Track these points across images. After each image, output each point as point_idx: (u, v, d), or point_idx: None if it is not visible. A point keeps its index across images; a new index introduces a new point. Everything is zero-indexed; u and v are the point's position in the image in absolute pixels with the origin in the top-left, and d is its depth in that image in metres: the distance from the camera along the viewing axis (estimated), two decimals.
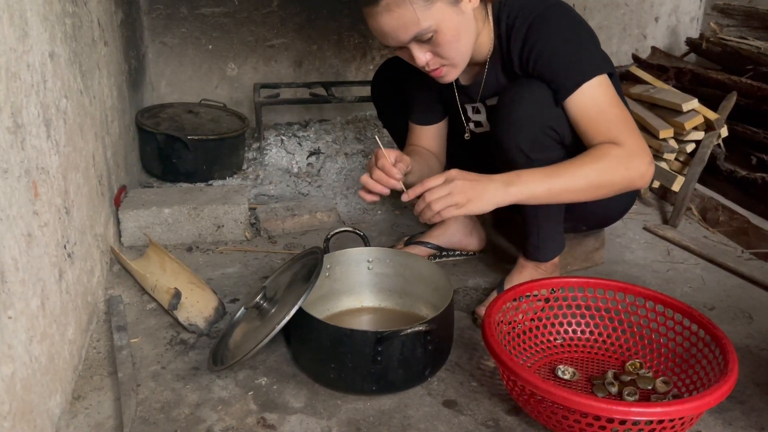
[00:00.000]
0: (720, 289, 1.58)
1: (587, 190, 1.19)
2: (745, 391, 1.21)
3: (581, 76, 1.21)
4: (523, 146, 1.26)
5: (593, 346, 1.29)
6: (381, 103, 1.66)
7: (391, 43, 1.19)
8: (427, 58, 1.21)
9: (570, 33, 1.23)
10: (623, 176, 1.19)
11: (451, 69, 1.25)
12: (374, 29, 1.19)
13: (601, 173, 1.18)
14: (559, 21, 1.23)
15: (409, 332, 1.10)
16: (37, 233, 1.02)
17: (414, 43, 1.18)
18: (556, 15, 1.24)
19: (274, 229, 1.79)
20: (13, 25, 0.97)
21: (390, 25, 1.15)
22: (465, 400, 1.17)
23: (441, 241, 1.66)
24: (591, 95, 1.21)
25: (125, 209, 1.66)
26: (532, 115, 1.24)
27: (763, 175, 1.97)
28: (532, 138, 1.25)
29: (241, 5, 2.44)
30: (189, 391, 1.17)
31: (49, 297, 1.06)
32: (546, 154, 1.26)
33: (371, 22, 1.18)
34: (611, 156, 1.18)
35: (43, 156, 1.07)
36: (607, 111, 1.21)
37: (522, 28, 1.24)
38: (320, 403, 1.15)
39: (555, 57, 1.22)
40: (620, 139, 1.19)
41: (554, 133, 1.25)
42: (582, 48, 1.23)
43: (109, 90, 1.64)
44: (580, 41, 1.24)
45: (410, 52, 1.20)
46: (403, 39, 1.17)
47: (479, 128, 1.48)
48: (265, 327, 1.17)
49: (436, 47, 1.19)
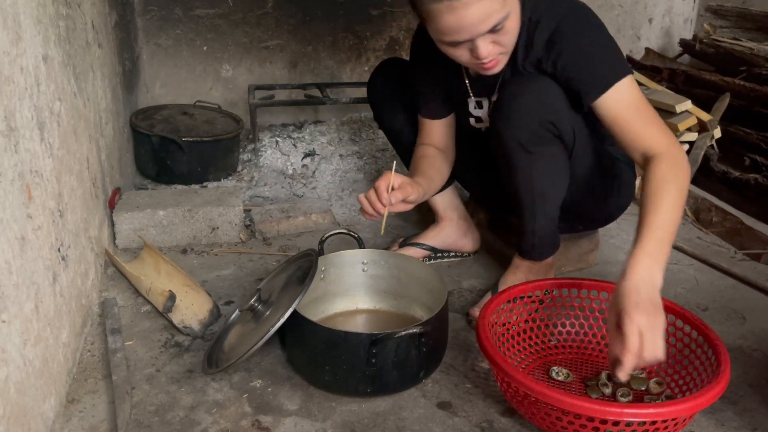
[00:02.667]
0: (713, 289, 1.59)
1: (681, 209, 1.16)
2: (738, 391, 1.22)
3: (614, 75, 1.22)
4: (522, 139, 1.26)
5: (587, 348, 1.30)
6: (377, 104, 1.66)
7: (464, 37, 1.15)
8: (490, 50, 1.18)
9: (598, 35, 1.25)
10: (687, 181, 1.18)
11: (503, 58, 1.23)
12: (450, 24, 1.13)
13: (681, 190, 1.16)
14: (587, 23, 1.25)
15: (403, 334, 1.11)
16: (31, 236, 1.02)
17: (486, 35, 1.15)
18: (582, 17, 1.25)
19: (268, 230, 1.79)
20: (6, 29, 0.97)
21: (475, 16, 1.11)
22: (459, 402, 1.17)
23: (435, 242, 1.66)
24: (625, 93, 1.22)
25: (120, 211, 1.65)
26: (532, 108, 1.24)
27: (756, 176, 1.98)
28: (531, 131, 1.25)
29: (236, 6, 2.43)
30: (183, 393, 1.17)
31: (43, 300, 1.05)
32: (544, 147, 1.27)
33: (447, 17, 1.12)
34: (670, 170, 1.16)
35: (36, 159, 1.07)
36: (639, 109, 1.23)
37: (548, 27, 1.24)
38: (315, 406, 1.15)
39: (586, 57, 1.23)
40: (654, 136, 1.19)
41: (553, 127, 1.26)
42: (610, 48, 1.25)
43: (103, 92, 1.64)
44: (607, 42, 1.25)
45: (474, 45, 1.17)
46: (481, 30, 1.14)
47: (479, 123, 1.48)
48: (260, 329, 1.17)
49: (502, 36, 1.17)
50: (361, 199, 1.29)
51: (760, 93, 2.15)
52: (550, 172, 1.32)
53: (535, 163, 1.29)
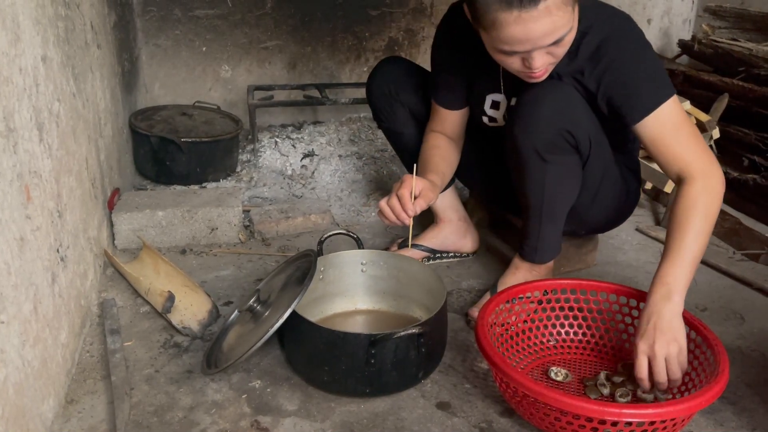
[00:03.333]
0: (712, 290, 1.59)
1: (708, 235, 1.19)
2: (737, 391, 1.22)
3: (659, 97, 1.21)
4: (538, 147, 1.25)
5: (586, 348, 1.30)
6: (376, 104, 1.65)
7: (526, 48, 1.11)
8: (544, 60, 1.15)
9: (645, 52, 1.23)
10: (718, 205, 1.19)
11: (551, 67, 1.21)
12: (515, 35, 1.09)
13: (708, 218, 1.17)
14: (635, 39, 1.23)
15: (402, 335, 1.11)
16: (30, 237, 1.02)
17: (544, 47, 1.13)
18: (631, 33, 1.23)
19: (267, 231, 1.79)
20: (6, 29, 0.97)
21: (543, 29, 1.08)
22: (458, 402, 1.17)
23: (435, 243, 1.66)
24: (668, 115, 1.21)
25: (119, 212, 1.65)
26: (551, 116, 1.23)
27: (754, 177, 1.99)
28: (549, 140, 1.25)
29: (235, 7, 2.43)
30: (183, 394, 1.17)
31: (41, 301, 1.05)
32: (560, 156, 1.27)
33: (514, 27, 1.08)
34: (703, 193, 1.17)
35: (35, 160, 1.07)
36: (681, 130, 1.22)
37: (595, 39, 1.22)
38: (314, 406, 1.15)
39: (633, 77, 1.22)
40: (694, 159, 1.19)
41: (570, 137, 1.25)
42: (656, 68, 1.24)
43: (102, 93, 1.64)
44: (653, 61, 1.24)
45: (530, 56, 1.13)
46: (545, 43, 1.11)
47: (492, 123, 1.47)
48: (259, 330, 1.17)
49: (558, 48, 1.14)
50: (383, 207, 1.27)
51: (759, 93, 2.15)
52: (563, 180, 1.32)
53: (549, 172, 1.29)
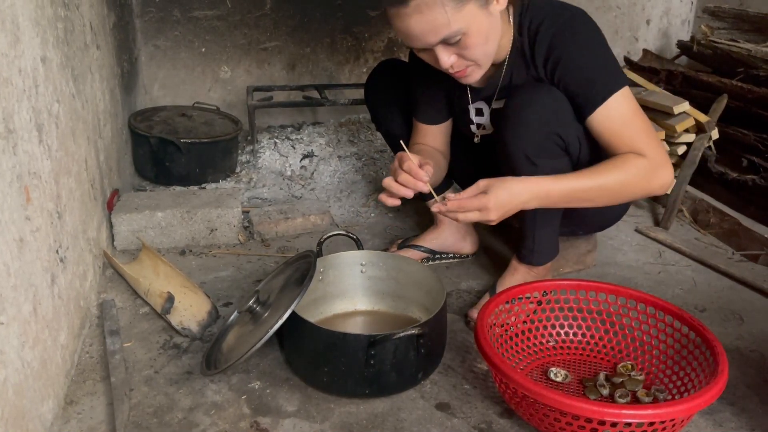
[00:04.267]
0: (711, 290, 1.59)
1: (609, 200, 1.21)
2: (736, 392, 1.22)
3: (608, 89, 1.22)
4: (528, 151, 1.26)
5: (585, 348, 1.30)
6: (375, 106, 1.66)
7: (417, 45, 1.17)
8: (452, 61, 1.19)
9: (594, 45, 1.24)
10: (644, 188, 1.21)
11: (475, 69, 1.23)
12: (400, 30, 1.16)
13: (626, 185, 1.19)
14: (585, 33, 1.24)
15: (401, 336, 1.11)
16: (29, 238, 1.02)
17: (440, 45, 1.16)
18: (581, 26, 1.24)
19: (267, 232, 1.79)
20: (5, 30, 0.97)
21: (419, 27, 1.12)
22: (458, 403, 1.17)
23: (434, 244, 1.66)
24: (617, 107, 1.22)
25: (118, 213, 1.65)
26: (539, 120, 1.24)
27: (753, 177, 1.99)
28: (538, 143, 1.25)
29: (234, 8, 2.43)
30: (182, 395, 1.17)
31: (41, 302, 1.05)
32: (551, 160, 1.27)
33: (398, 23, 1.14)
34: (636, 167, 1.19)
35: (35, 161, 1.07)
36: (630, 123, 1.22)
37: (547, 35, 1.24)
38: (313, 407, 1.15)
39: (581, 70, 1.23)
40: (644, 149, 1.20)
41: (560, 140, 1.26)
42: (606, 61, 1.24)
43: (101, 93, 1.64)
44: (604, 54, 1.24)
45: (435, 53, 1.18)
46: (431, 41, 1.15)
47: (482, 130, 1.48)
48: (258, 331, 1.17)
49: (463, 49, 1.17)
50: (390, 185, 1.19)
51: (758, 94, 2.16)
52: None
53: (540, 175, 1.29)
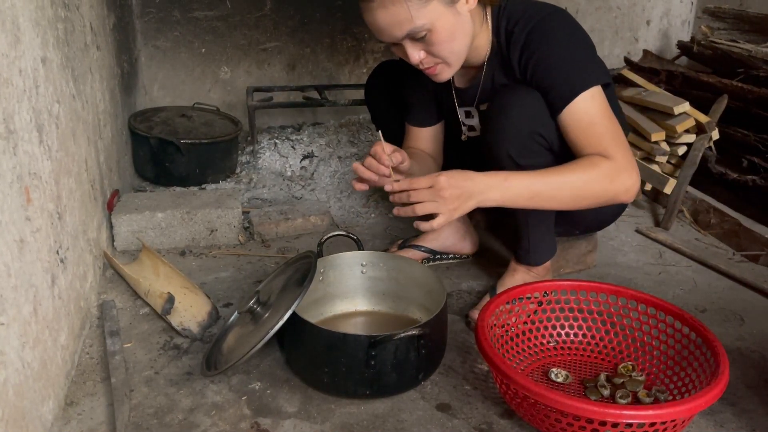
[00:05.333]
0: (711, 291, 1.59)
1: (571, 200, 1.21)
2: (736, 393, 1.22)
3: (575, 88, 1.21)
4: (511, 152, 1.27)
5: (586, 349, 1.30)
6: (375, 106, 1.66)
7: (386, 38, 1.20)
8: (420, 56, 1.22)
9: (567, 43, 1.24)
10: (607, 189, 1.20)
11: (445, 67, 1.25)
12: (369, 24, 1.20)
13: (587, 184, 1.19)
14: (557, 31, 1.24)
15: (402, 336, 1.10)
16: (30, 239, 1.02)
17: (408, 41, 1.20)
18: (554, 24, 1.24)
19: (267, 232, 1.79)
20: (5, 31, 0.97)
21: (384, 21, 1.16)
22: (458, 404, 1.17)
23: (434, 244, 1.66)
24: (584, 107, 1.22)
25: (118, 214, 1.65)
26: (520, 121, 1.25)
27: (754, 178, 1.99)
28: (521, 144, 1.26)
29: (234, 9, 2.43)
30: (182, 396, 1.17)
31: (41, 303, 1.05)
32: (534, 160, 1.27)
33: (366, 16, 1.19)
34: (598, 168, 1.19)
35: (35, 161, 1.07)
36: (597, 123, 1.22)
37: (521, 35, 1.25)
38: (314, 408, 1.15)
39: (551, 69, 1.23)
40: (609, 152, 1.20)
41: (542, 139, 1.26)
42: (577, 60, 1.24)
43: (101, 94, 1.64)
44: (575, 52, 1.24)
45: (404, 48, 1.22)
46: (396, 35, 1.18)
47: (472, 132, 1.49)
48: (259, 331, 1.17)
49: (429, 46, 1.20)
50: (357, 168, 1.26)
51: (758, 95, 2.16)
52: None
53: None
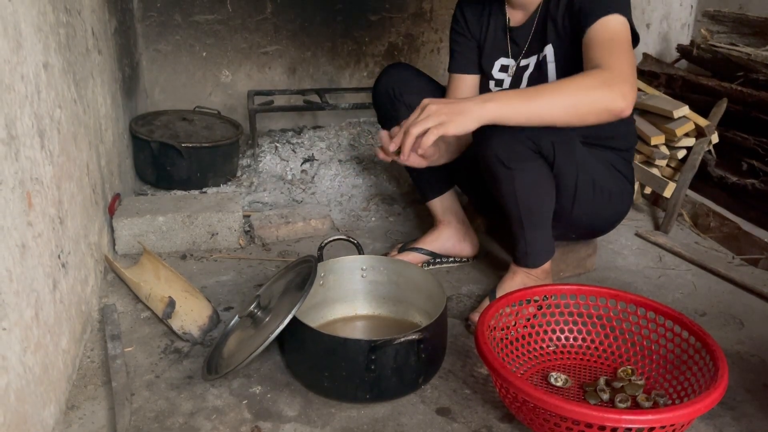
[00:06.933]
0: (711, 295, 1.59)
1: (568, 107, 1.17)
2: (736, 397, 1.22)
3: (611, 8, 1.26)
4: (501, 156, 1.29)
5: (585, 353, 1.30)
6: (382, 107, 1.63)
7: None
8: None
9: None
10: (603, 95, 1.17)
11: None
12: None
13: (582, 89, 1.17)
14: None
15: (402, 341, 1.11)
16: (31, 244, 1.02)
17: None
18: None
19: (268, 236, 1.79)
20: (7, 37, 0.97)
21: None
22: (458, 408, 1.17)
23: (434, 247, 1.67)
24: (613, 24, 1.26)
25: (119, 217, 1.66)
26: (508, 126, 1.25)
27: (753, 182, 1.99)
28: (509, 148, 1.28)
29: (235, 12, 2.44)
30: (183, 400, 1.17)
31: (43, 307, 1.06)
32: (524, 163, 1.29)
33: None
34: (595, 75, 1.19)
35: (37, 166, 1.07)
36: (616, 42, 1.25)
37: None
38: (314, 412, 1.15)
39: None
40: (613, 64, 1.21)
41: (531, 143, 1.28)
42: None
43: (102, 98, 1.65)
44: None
45: None
46: None
47: (498, 88, 1.54)
48: (259, 336, 1.17)
49: None
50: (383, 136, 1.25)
51: (757, 98, 2.16)
52: (533, 186, 1.34)
53: (517, 179, 1.31)
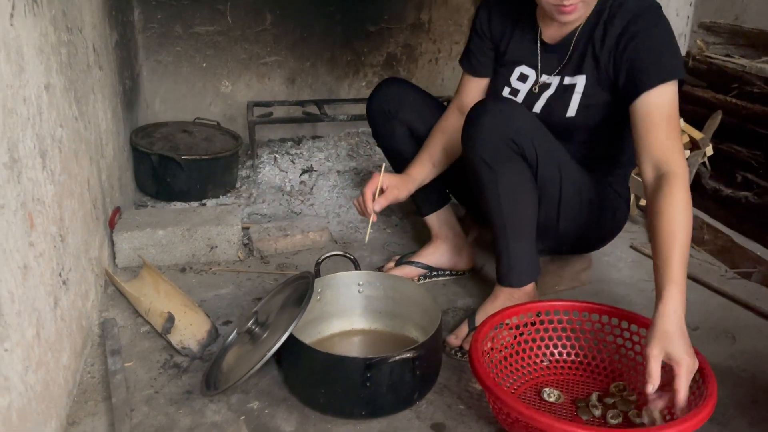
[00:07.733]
0: (703, 308, 1.61)
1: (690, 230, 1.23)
2: (726, 413, 1.24)
3: (671, 72, 1.27)
4: (485, 156, 1.32)
5: (578, 368, 1.32)
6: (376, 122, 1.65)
7: None
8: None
9: (671, 35, 1.32)
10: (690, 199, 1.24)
11: (582, 7, 1.32)
12: None
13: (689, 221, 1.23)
14: (664, 22, 1.32)
15: (397, 359, 1.13)
16: (33, 264, 1.04)
17: None
18: (661, 14, 1.33)
19: (266, 249, 1.81)
20: (10, 62, 0.99)
21: None
22: (453, 423, 1.19)
23: (431, 260, 1.69)
24: (668, 99, 1.27)
25: (119, 231, 1.68)
26: (492, 125, 1.30)
27: (747, 194, 2.01)
28: (493, 148, 1.31)
29: (235, 23, 2.47)
30: (182, 415, 1.19)
31: (44, 326, 1.07)
32: (507, 165, 1.32)
33: None
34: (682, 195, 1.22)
35: (38, 187, 1.09)
36: (673, 118, 1.28)
37: (626, 17, 1.33)
38: (311, 427, 1.17)
39: (655, 46, 1.30)
40: (675, 160, 1.24)
41: (514, 144, 1.31)
42: (675, 50, 1.31)
43: (103, 113, 1.66)
44: (674, 44, 1.32)
45: None
46: None
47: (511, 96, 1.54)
48: (257, 352, 1.19)
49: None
50: (354, 204, 1.49)
51: (752, 111, 2.18)
52: (516, 188, 1.35)
53: (501, 181, 1.33)
